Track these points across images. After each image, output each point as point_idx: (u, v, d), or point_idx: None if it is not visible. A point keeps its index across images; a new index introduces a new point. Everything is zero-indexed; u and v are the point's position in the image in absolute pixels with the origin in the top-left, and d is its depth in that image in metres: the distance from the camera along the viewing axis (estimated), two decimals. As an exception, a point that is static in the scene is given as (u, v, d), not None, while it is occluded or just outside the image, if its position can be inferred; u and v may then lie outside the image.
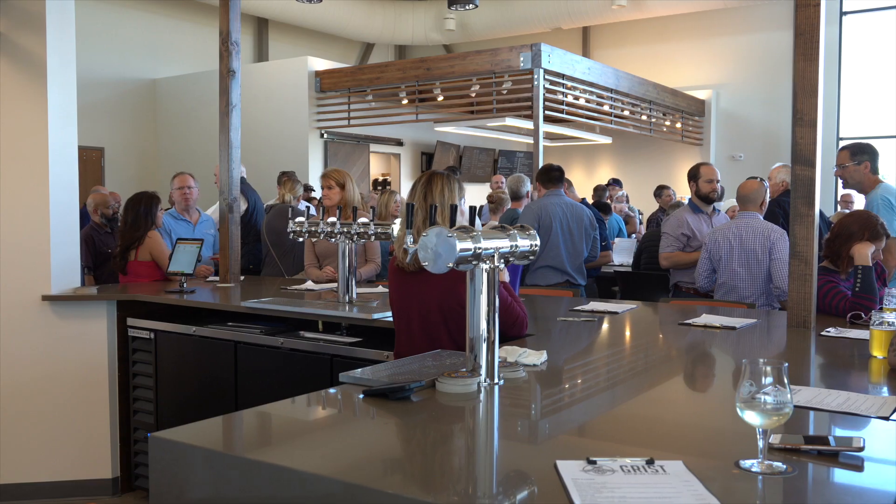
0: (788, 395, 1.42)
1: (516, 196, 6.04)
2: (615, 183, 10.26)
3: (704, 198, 4.93)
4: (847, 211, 6.56)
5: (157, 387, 4.06)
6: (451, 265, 1.97)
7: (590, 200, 7.50)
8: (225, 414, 1.89)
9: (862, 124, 11.87)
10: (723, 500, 1.28)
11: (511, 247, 2.17)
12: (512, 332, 2.64)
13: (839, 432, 1.75)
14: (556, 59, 8.85)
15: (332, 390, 2.09)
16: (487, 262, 2.09)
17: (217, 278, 4.81)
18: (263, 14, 12.80)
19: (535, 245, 2.26)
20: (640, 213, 10.40)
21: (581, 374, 2.50)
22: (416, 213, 2.61)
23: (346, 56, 14.69)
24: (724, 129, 12.81)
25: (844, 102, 11.99)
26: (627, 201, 9.58)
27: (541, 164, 8.97)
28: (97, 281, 5.65)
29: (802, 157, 3.02)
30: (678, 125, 12.08)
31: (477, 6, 9.63)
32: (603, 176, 12.97)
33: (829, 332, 2.94)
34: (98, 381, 4.17)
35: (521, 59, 8.77)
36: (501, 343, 2.59)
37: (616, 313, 3.50)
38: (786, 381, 1.42)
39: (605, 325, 3.28)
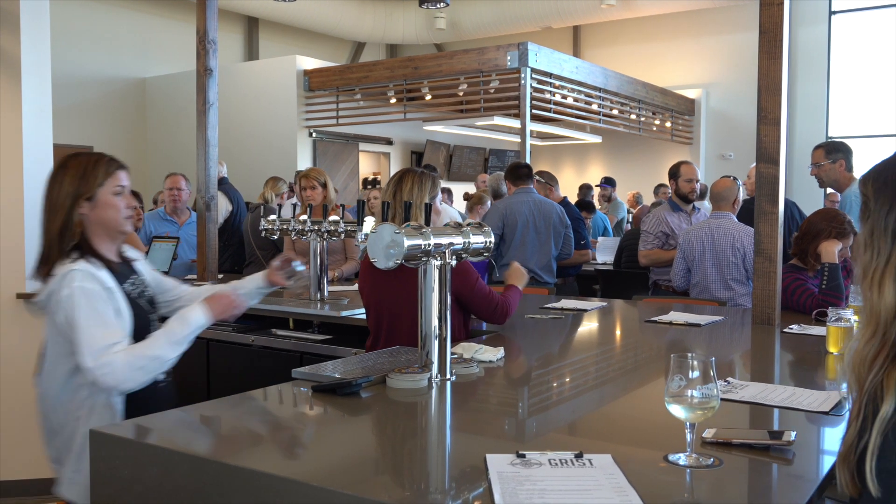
0: (715, 390, 1.43)
1: (497, 195, 6.04)
2: (606, 183, 10.26)
3: (684, 197, 4.95)
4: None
5: (131, 385, 4.06)
6: (399, 261, 1.99)
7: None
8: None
9: (851, 123, 11.89)
10: (647, 492, 1.29)
11: (464, 244, 2.18)
12: (494, 318, 2.74)
13: (777, 427, 1.76)
14: (543, 58, 8.86)
15: (282, 386, 2.10)
16: (439, 258, 2.10)
17: (194, 277, 4.81)
18: (254, 13, 12.79)
19: (490, 242, 2.27)
20: (631, 212, 10.41)
21: (536, 370, 2.51)
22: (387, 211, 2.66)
23: (337, 55, 14.68)
24: (714, 128, 12.83)
25: (833, 101, 12.01)
26: (609, 201, 9.56)
27: (528, 163, 9.01)
28: (78, 279, 5.64)
29: (767, 154, 3.03)
30: (668, 124, 12.09)
31: (448, 5, 9.63)
32: (593, 175, 12.99)
33: (791, 328, 2.96)
34: (73, 379, 4.17)
35: (509, 58, 8.78)
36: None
37: (585, 311, 3.51)
38: (713, 375, 1.43)
39: (571, 323, 3.29)
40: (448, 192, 9.41)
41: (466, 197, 6.57)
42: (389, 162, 12.34)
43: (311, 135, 10.43)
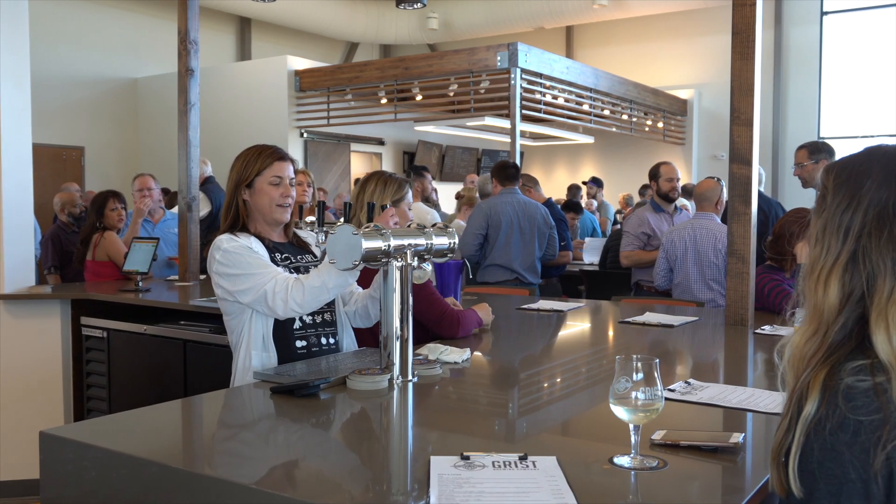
0: (659, 392, 1.43)
1: (485, 195, 6.03)
2: (593, 182, 10.26)
3: (665, 197, 4.95)
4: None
5: (110, 386, 4.05)
6: (356, 262, 1.98)
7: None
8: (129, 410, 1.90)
9: (843, 124, 11.89)
10: (587, 494, 1.29)
11: (426, 245, 2.18)
12: (441, 327, 2.66)
13: (731, 428, 1.76)
14: (533, 58, 8.86)
15: (242, 387, 2.10)
16: (400, 259, 2.09)
17: (175, 277, 4.81)
18: (245, 13, 12.78)
19: (454, 243, 2.27)
20: (621, 213, 10.41)
21: (500, 372, 2.51)
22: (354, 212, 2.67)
23: (330, 55, 14.68)
24: (706, 129, 12.83)
25: (825, 102, 12.02)
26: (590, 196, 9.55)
27: (518, 163, 8.98)
28: (64, 280, 5.64)
29: (739, 155, 3.03)
30: (660, 125, 12.09)
31: (425, 5, 9.62)
32: (586, 176, 13.00)
33: (763, 329, 2.96)
34: (52, 380, 4.17)
35: (499, 58, 8.77)
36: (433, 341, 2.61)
37: (561, 311, 3.51)
38: (656, 376, 1.42)
39: (544, 325, 3.28)
40: (434, 192, 9.37)
41: (458, 196, 6.56)
42: (381, 162, 12.34)
43: (302, 135, 10.43)
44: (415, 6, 9.34)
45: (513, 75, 8.58)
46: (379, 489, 1.42)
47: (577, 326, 3.34)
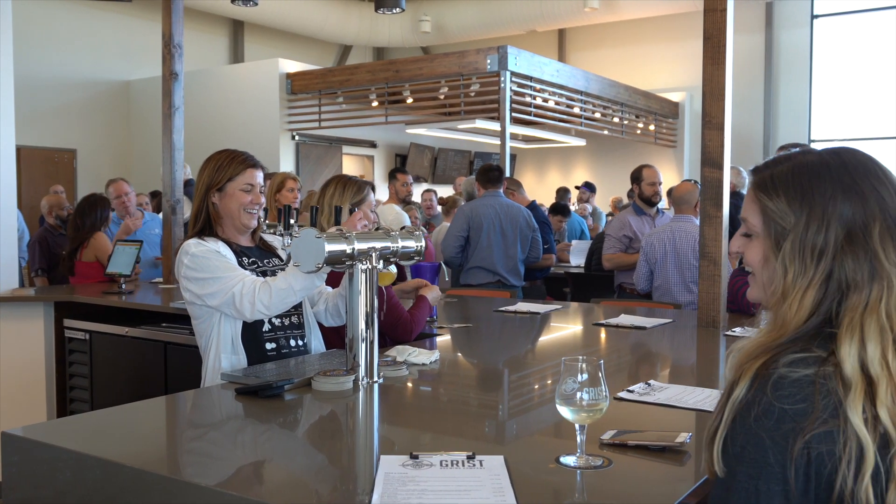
0: (603, 392, 1.45)
1: (472, 198, 6.06)
2: (586, 187, 10.27)
3: (647, 200, 4.98)
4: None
5: (92, 388, 4.08)
6: (320, 265, 2.01)
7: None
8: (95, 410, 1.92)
9: (834, 126, 11.94)
10: (529, 493, 1.32)
11: (392, 248, 2.20)
12: (396, 332, 2.66)
13: (684, 429, 1.79)
14: (522, 61, 8.90)
15: (210, 388, 2.12)
16: (365, 262, 2.12)
17: (160, 279, 4.83)
18: (239, 16, 12.81)
19: (421, 246, 2.30)
20: (611, 216, 10.43)
21: (467, 373, 2.53)
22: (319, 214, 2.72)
23: (323, 58, 14.71)
24: (698, 131, 12.78)
25: (816, 104, 12.07)
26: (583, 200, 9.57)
27: (509, 166, 9.01)
28: (51, 282, 5.66)
29: (711, 159, 3.06)
30: (651, 127, 12.13)
31: (403, 10, 9.67)
32: (579, 178, 13.03)
33: (734, 331, 2.98)
34: (35, 383, 4.19)
35: (489, 61, 8.82)
36: (391, 345, 2.63)
37: (539, 314, 3.53)
38: (601, 377, 1.45)
39: (518, 326, 3.31)
40: (433, 193, 9.40)
41: (442, 202, 6.58)
42: (373, 165, 12.36)
43: (293, 138, 10.46)
44: (394, 11, 9.37)
45: (502, 78, 8.63)
46: (345, 489, 1.44)
47: (551, 328, 3.37)
